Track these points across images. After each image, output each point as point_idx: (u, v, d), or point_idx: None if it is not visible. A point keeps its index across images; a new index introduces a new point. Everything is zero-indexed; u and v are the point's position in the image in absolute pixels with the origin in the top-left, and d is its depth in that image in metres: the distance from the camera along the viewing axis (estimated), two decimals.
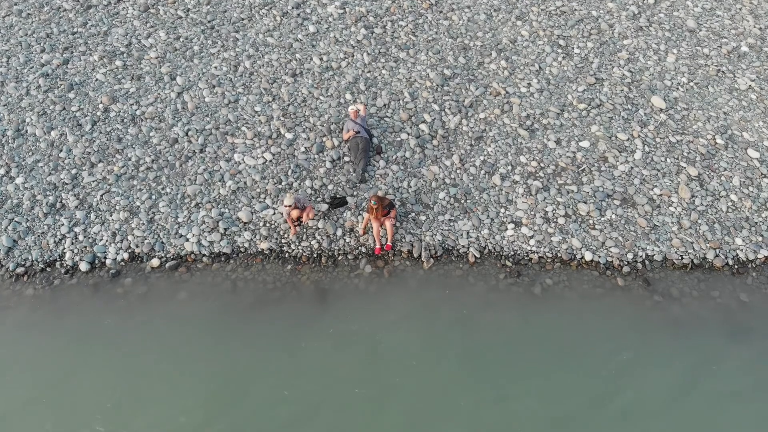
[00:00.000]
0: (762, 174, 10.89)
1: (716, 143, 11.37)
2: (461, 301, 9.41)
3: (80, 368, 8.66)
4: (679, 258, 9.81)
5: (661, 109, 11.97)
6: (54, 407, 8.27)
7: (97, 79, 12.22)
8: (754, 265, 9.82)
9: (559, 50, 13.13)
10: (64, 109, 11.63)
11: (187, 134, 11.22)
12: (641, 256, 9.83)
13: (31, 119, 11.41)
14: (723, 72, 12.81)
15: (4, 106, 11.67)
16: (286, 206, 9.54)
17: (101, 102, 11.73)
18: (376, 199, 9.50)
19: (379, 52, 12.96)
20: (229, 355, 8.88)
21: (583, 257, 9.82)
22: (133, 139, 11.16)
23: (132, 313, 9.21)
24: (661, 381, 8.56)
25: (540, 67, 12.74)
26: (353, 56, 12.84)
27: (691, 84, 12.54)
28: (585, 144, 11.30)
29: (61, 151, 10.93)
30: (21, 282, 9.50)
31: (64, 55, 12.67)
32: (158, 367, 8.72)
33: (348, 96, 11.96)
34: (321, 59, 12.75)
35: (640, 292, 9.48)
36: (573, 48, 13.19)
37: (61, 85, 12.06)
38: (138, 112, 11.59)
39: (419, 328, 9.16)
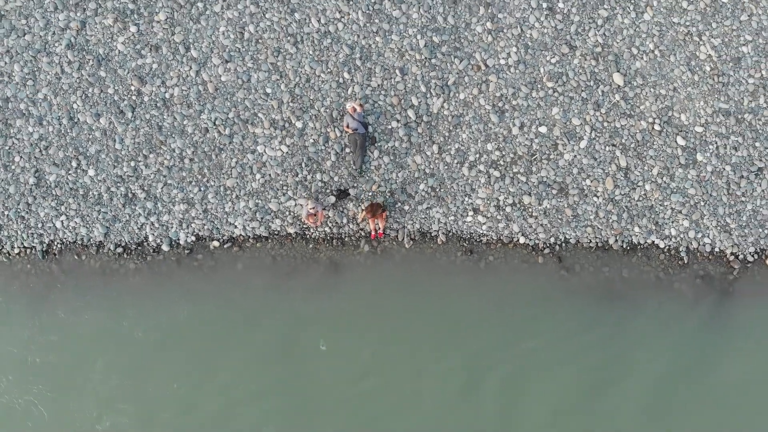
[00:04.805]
0: (679, 164, 13.62)
1: (653, 129, 13.63)
2: (430, 271, 13.73)
3: (188, 318, 13.62)
4: (588, 242, 13.65)
5: (619, 86, 13.67)
6: (173, 348, 13.57)
7: (119, 51, 13.49)
8: (641, 248, 13.73)
9: (545, 4, 13.68)
10: (102, 91, 13.45)
11: (215, 123, 13.44)
12: (561, 240, 13.65)
13: (78, 105, 13.41)
14: (690, 35, 13.75)
15: (48, 86, 13.44)
16: (310, 209, 12.92)
17: (132, 84, 13.43)
18: (374, 206, 12.87)
19: (373, 9, 13.60)
20: (276, 307, 13.72)
21: (518, 240, 13.65)
22: (171, 127, 13.44)
23: (209, 280, 13.66)
24: (551, 331, 13.62)
25: (522, 30, 13.64)
26: (348, 15, 13.57)
27: (656, 52, 13.73)
28: (543, 129, 13.59)
29: (114, 141, 13.42)
30: (123, 258, 13.64)
31: (78, 15, 13.48)
32: (236, 314, 13.66)
33: (346, 75, 13.50)
34: (319, 20, 13.55)
35: (553, 267, 13.70)
36: (558, 1, 13.68)
37: (89, 60, 13.44)
38: (167, 96, 13.45)
39: (400, 290, 13.75)
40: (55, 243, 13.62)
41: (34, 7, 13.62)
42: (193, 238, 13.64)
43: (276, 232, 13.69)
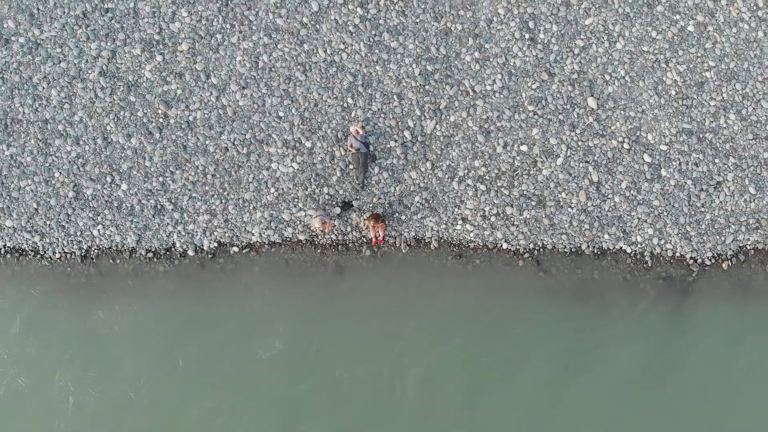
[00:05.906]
0: (646, 178, 15.34)
1: (623, 147, 15.32)
2: (424, 273, 15.56)
3: (209, 313, 15.48)
4: (563, 247, 15.44)
5: (593, 109, 15.32)
6: (195, 336, 15.47)
7: (147, 78, 15.11)
8: (610, 252, 15.54)
9: (527, 35, 15.25)
10: (132, 114, 15.10)
11: (234, 144, 15.12)
12: (539, 246, 15.44)
13: (111, 127, 15.08)
14: (659, 62, 15.35)
15: (83, 109, 15.09)
16: (318, 225, 14.70)
17: (159, 108, 15.08)
18: (375, 216, 14.66)
19: (374, 41, 15.18)
20: (288, 302, 15.58)
21: (502, 246, 15.45)
22: (195, 147, 15.14)
23: (229, 280, 15.49)
24: (530, 325, 15.49)
25: (506, 59, 15.24)
26: (351, 46, 15.17)
27: (627, 78, 15.35)
28: (524, 148, 15.28)
29: (144, 159, 15.12)
30: (153, 262, 15.45)
31: (109, 44, 15.07)
32: (251, 309, 15.54)
33: (350, 100, 15.14)
34: (325, 51, 15.15)
35: (531, 269, 15.52)
36: (539, 32, 15.25)
37: (120, 86, 15.07)
38: (191, 118, 15.12)
39: (397, 289, 15.59)
40: (93, 249, 15.43)
41: (68, 37, 15.22)
42: (216, 245, 15.44)
43: (288, 239, 15.49)
